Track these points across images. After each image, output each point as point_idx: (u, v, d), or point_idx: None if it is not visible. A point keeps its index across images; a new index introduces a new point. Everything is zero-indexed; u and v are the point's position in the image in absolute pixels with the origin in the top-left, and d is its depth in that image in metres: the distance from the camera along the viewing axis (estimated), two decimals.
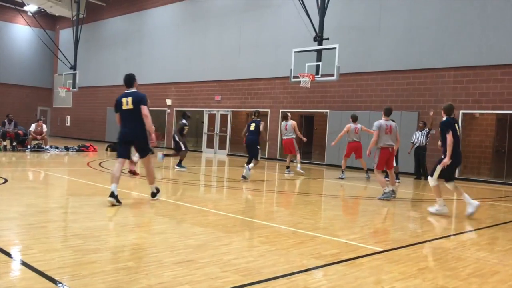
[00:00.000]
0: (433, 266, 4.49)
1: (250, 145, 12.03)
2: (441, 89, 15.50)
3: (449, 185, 7.88)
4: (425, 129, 14.23)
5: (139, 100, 7.10)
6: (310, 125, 21.33)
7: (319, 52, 14.88)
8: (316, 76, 14.72)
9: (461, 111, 15.05)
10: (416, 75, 16.08)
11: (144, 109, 7.07)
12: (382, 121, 9.34)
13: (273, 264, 4.23)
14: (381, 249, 5.02)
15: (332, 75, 14.29)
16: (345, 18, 17.71)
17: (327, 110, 18.29)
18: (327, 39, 15.11)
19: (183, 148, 13.23)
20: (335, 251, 4.85)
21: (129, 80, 7.34)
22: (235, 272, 3.91)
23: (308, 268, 4.20)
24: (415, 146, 14.28)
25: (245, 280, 3.73)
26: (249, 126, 12.20)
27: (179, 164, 13.25)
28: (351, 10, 17.73)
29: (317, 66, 14.75)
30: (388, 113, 9.50)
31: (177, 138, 13.28)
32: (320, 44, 15.12)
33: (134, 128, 7.10)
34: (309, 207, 8.16)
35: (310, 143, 21.30)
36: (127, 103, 7.09)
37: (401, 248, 5.18)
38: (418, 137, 14.29)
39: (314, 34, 15.28)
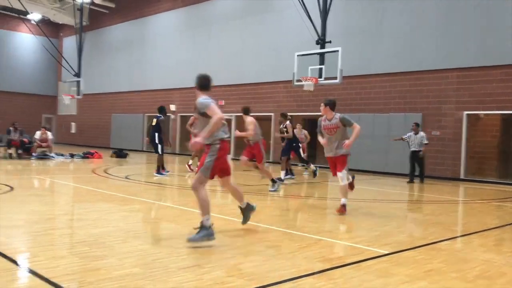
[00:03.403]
0: (440, 268, 4.47)
1: (151, 141, 12.88)
2: (444, 90, 15.47)
3: None
4: (421, 133, 13.76)
5: None
6: (314, 129, 21.29)
7: (321, 55, 14.90)
8: (319, 79, 14.73)
9: (465, 112, 15.03)
10: (419, 76, 16.06)
11: None
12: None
13: (278, 268, 4.23)
14: (386, 252, 5.01)
15: (335, 78, 14.30)
16: (347, 21, 17.73)
17: None
18: (330, 42, 15.13)
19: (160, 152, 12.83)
20: (341, 254, 4.84)
21: None
22: (240, 277, 3.91)
23: (313, 272, 4.19)
24: (411, 149, 13.77)
25: (251, 285, 3.72)
26: (152, 121, 13.13)
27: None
28: (353, 13, 17.75)
29: (320, 69, 14.76)
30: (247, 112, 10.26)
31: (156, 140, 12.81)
32: (322, 47, 15.14)
33: None
34: (314, 210, 8.15)
35: (314, 147, 21.27)
36: None
37: (406, 250, 5.16)
38: (413, 140, 13.73)
39: (316, 38, 15.30)
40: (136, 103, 27.93)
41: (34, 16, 30.25)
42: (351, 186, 7.93)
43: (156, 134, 12.70)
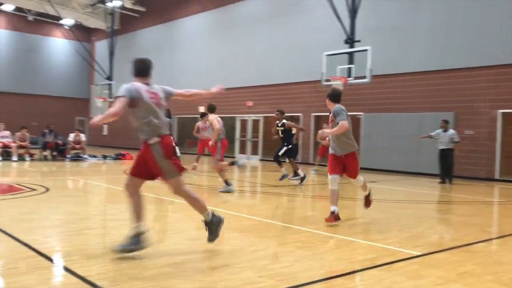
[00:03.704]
0: (474, 270, 4.38)
1: None
2: (477, 89, 15.11)
3: None
4: (451, 130, 13.31)
5: None
6: None
7: (350, 54, 14.79)
8: (348, 78, 14.62)
9: (499, 111, 14.64)
10: (451, 74, 15.73)
11: None
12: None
13: (309, 269, 4.22)
14: (418, 253, 4.93)
15: (365, 77, 14.18)
16: (376, 19, 17.52)
17: (361, 113, 18.10)
18: (359, 41, 15.01)
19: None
20: (372, 256, 4.79)
21: None
22: (271, 277, 3.92)
23: (344, 273, 4.17)
24: (440, 148, 13.28)
25: (281, 285, 3.73)
26: None
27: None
28: (383, 11, 17.53)
29: (349, 69, 14.66)
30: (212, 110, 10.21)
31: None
32: (351, 46, 15.03)
33: None
34: (344, 211, 8.08)
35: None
36: None
37: (439, 252, 5.08)
38: (442, 137, 13.22)
39: (345, 37, 15.19)
40: (167, 105, 28.29)
41: (67, 21, 31.07)
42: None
43: None
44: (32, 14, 32.08)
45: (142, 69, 4.69)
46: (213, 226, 4.72)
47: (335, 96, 7.09)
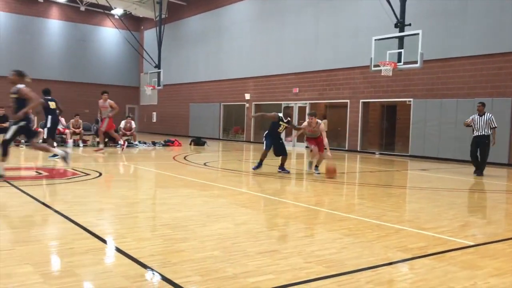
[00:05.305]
0: None
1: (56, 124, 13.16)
2: None
3: None
4: (488, 114, 11.77)
5: None
6: (392, 115, 20.64)
7: (400, 39, 14.34)
8: (398, 64, 14.22)
9: None
10: (508, 58, 14.99)
11: None
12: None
13: (357, 256, 4.17)
14: (472, 243, 4.77)
15: (416, 62, 13.74)
16: (428, 2, 16.89)
17: (411, 99, 17.60)
18: (409, 25, 14.52)
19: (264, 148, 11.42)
20: (422, 244, 4.67)
21: None
22: (318, 263, 3.90)
23: (393, 261, 4.09)
24: (474, 134, 11.91)
25: (329, 272, 3.71)
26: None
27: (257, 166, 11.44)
28: None
29: (399, 54, 14.23)
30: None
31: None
32: (401, 30, 14.56)
33: None
34: (393, 199, 7.93)
35: (393, 134, 20.62)
36: None
37: (495, 242, 4.88)
38: (478, 123, 11.76)
39: (395, 21, 14.74)
40: (213, 93, 28.59)
41: (117, 11, 31.84)
42: None
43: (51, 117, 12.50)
44: (84, 4, 33.08)
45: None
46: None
47: None
